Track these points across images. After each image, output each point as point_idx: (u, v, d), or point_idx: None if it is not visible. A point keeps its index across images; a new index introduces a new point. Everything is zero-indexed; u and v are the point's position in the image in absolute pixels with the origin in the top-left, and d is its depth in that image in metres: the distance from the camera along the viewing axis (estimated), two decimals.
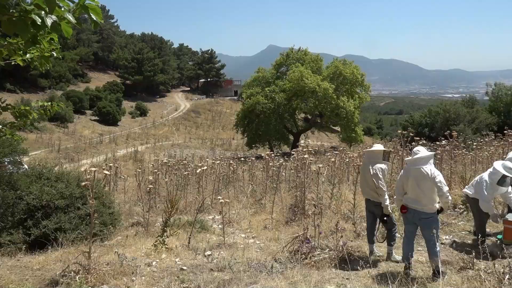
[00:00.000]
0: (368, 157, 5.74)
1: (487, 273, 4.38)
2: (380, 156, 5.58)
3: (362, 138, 33.72)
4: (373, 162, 5.54)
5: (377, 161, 5.53)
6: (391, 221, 5.54)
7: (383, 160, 5.59)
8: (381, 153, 5.60)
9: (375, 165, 5.48)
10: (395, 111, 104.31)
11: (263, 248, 6.43)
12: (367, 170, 5.55)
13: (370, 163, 5.56)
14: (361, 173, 5.84)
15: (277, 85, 33.68)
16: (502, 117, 23.36)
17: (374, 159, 5.58)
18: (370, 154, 5.70)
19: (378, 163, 5.50)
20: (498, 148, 12.07)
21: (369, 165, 5.55)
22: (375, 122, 64.20)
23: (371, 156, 5.65)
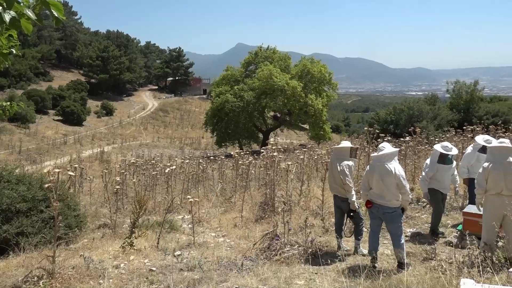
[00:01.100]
0: (335, 154, 5.85)
1: (449, 263, 4.57)
2: (347, 153, 5.69)
3: (330, 135, 34.28)
4: (340, 159, 5.65)
5: (344, 158, 5.64)
6: (358, 216, 5.68)
7: (350, 157, 5.72)
8: (348, 150, 5.71)
9: (342, 162, 5.59)
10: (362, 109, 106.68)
11: (233, 246, 6.44)
12: (335, 166, 5.66)
13: (337, 160, 5.67)
14: (329, 170, 5.95)
15: (246, 84, 33.71)
16: (462, 114, 24.38)
17: (341, 156, 5.69)
18: (338, 151, 5.82)
19: (345, 160, 5.61)
20: (458, 143, 12.60)
21: (336, 162, 5.66)
22: (343, 120, 65.45)
23: (338, 153, 5.77)
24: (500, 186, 4.78)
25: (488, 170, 4.88)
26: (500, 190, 4.80)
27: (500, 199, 4.80)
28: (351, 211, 5.58)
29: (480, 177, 5.01)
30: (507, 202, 4.74)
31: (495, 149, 5.00)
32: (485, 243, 4.81)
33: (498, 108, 24.27)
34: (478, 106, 25.11)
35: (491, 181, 4.85)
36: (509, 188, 4.77)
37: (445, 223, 6.83)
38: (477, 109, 24.40)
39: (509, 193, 4.78)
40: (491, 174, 4.85)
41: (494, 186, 4.83)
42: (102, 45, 61.85)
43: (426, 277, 3.89)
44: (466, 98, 25.92)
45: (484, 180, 4.93)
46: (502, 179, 4.75)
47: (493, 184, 4.84)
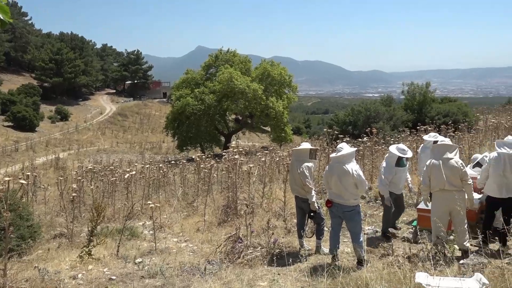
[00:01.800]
0: (295, 155, 5.93)
1: (405, 258, 4.76)
2: (307, 155, 5.78)
3: (292, 137, 34.72)
4: (300, 160, 5.73)
5: (304, 160, 5.72)
6: (319, 216, 5.79)
7: (310, 159, 5.82)
8: (307, 151, 5.80)
9: (302, 163, 5.68)
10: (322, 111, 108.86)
11: (196, 251, 6.38)
12: (295, 168, 5.74)
13: (297, 162, 5.75)
14: (290, 171, 6.03)
15: (206, 87, 33.49)
16: (416, 114, 25.41)
17: (301, 157, 5.78)
18: (297, 152, 5.90)
19: (305, 162, 5.69)
20: (412, 143, 13.13)
21: (296, 164, 5.74)
22: (303, 122, 66.46)
23: (298, 155, 5.85)
24: (442, 182, 5.03)
25: (430, 167, 5.15)
26: (443, 186, 5.05)
27: (444, 194, 5.05)
28: (312, 212, 5.69)
29: (424, 174, 5.29)
30: (451, 196, 5.00)
31: (435, 147, 5.31)
32: (437, 237, 5.04)
33: (448, 109, 25.49)
34: (430, 106, 26.24)
35: (434, 178, 5.11)
36: (450, 183, 5.02)
37: (401, 219, 7.10)
38: (430, 110, 25.52)
39: (452, 188, 5.02)
40: (432, 171, 5.12)
41: (437, 182, 5.08)
42: (55, 48, 59.35)
43: (383, 272, 4.03)
44: (419, 99, 27.02)
45: (427, 177, 5.19)
46: (442, 175, 5.00)
47: (436, 180, 5.09)
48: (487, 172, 5.40)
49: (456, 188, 5.05)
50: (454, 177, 5.02)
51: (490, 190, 5.42)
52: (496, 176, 5.26)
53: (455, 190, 5.04)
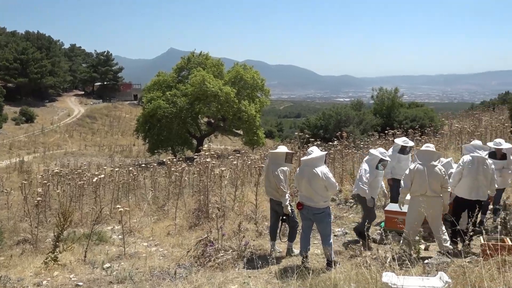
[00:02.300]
0: (271, 158, 5.93)
1: (373, 258, 4.87)
2: (283, 158, 5.78)
3: (264, 141, 34.86)
4: (276, 163, 5.74)
5: (280, 163, 5.72)
6: (293, 219, 5.82)
7: (285, 162, 5.82)
8: (283, 155, 5.79)
9: (278, 167, 5.68)
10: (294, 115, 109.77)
11: (166, 255, 6.31)
12: (270, 171, 5.76)
13: (273, 165, 5.76)
14: (265, 174, 6.03)
15: (178, 89, 33.18)
16: (385, 118, 26.00)
17: (277, 160, 5.78)
18: (274, 155, 5.90)
19: (280, 165, 5.69)
20: (381, 147, 13.46)
21: (272, 167, 5.76)
22: (276, 125, 66.81)
23: (274, 158, 5.85)
24: (424, 187, 5.17)
25: (414, 172, 5.27)
26: (424, 191, 5.18)
27: (424, 199, 5.17)
28: (285, 215, 5.72)
29: (406, 178, 5.38)
30: (431, 202, 5.15)
31: (421, 153, 5.42)
32: (404, 238, 5.19)
33: (415, 114, 26.22)
34: (398, 111, 26.89)
35: (416, 183, 5.23)
36: (432, 190, 5.18)
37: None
38: (398, 114, 26.16)
39: (432, 194, 5.19)
40: (416, 175, 5.23)
41: (419, 187, 5.21)
42: (20, 47, 57.29)
43: (352, 273, 4.11)
44: (388, 104, 27.66)
45: (409, 181, 5.31)
46: (426, 180, 5.14)
47: (418, 185, 5.22)
48: (460, 175, 5.60)
49: (436, 194, 5.21)
50: (436, 184, 5.18)
51: (460, 192, 5.63)
52: (470, 179, 5.49)
53: (434, 196, 5.21)
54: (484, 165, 5.53)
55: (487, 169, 5.53)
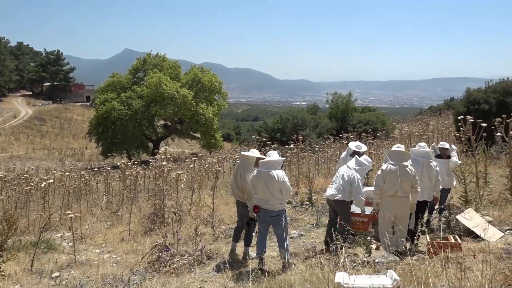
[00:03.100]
0: (241, 161, 5.88)
1: (327, 259, 4.99)
2: (253, 162, 5.69)
3: (222, 144, 34.78)
4: (245, 167, 5.69)
5: (249, 167, 5.65)
6: (254, 223, 5.84)
7: (255, 167, 5.75)
8: (254, 159, 5.70)
9: (246, 170, 5.62)
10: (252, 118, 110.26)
11: (120, 262, 6.13)
12: (239, 173, 5.73)
13: (242, 168, 5.72)
14: (234, 175, 5.97)
15: (134, 91, 32.42)
16: (339, 122, 26.78)
17: (247, 164, 5.72)
18: (244, 158, 5.83)
19: (249, 169, 5.63)
20: (336, 150, 13.85)
21: (241, 170, 5.72)
22: (234, 128, 66.79)
23: (244, 161, 5.80)
24: (395, 187, 5.28)
25: (386, 172, 5.36)
26: (395, 192, 5.30)
27: (395, 200, 5.32)
28: (250, 219, 5.72)
29: (378, 178, 5.46)
30: (401, 202, 5.29)
31: (393, 153, 5.56)
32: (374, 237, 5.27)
33: (368, 118, 27.20)
34: (352, 115, 27.76)
35: (388, 183, 5.33)
36: (403, 190, 5.32)
37: (324, 222, 7.43)
38: (352, 118, 27.02)
39: (402, 194, 5.33)
40: (388, 176, 5.34)
41: (390, 187, 5.31)
42: None
43: (306, 274, 4.19)
44: (342, 108, 28.50)
45: (382, 181, 5.39)
46: (398, 180, 5.26)
47: (390, 185, 5.32)
48: None
49: (405, 194, 5.35)
50: (407, 184, 5.32)
51: None
52: None
53: (404, 196, 5.35)
54: (428, 167, 5.82)
55: (431, 171, 5.82)
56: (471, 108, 13.14)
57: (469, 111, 12.49)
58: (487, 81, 15.23)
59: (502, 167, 8.90)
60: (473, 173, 6.74)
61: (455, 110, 15.68)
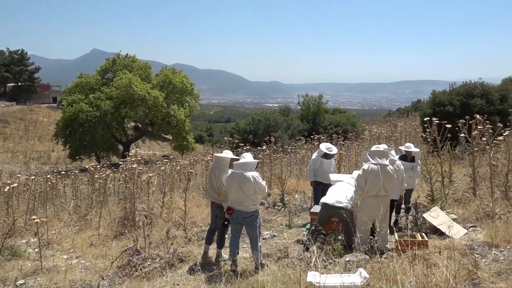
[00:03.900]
0: (216, 162, 5.84)
1: (299, 259, 5.04)
2: (227, 163, 5.68)
3: (194, 145, 34.49)
4: (220, 168, 5.67)
5: (224, 168, 5.63)
6: (228, 226, 5.81)
7: (230, 168, 5.75)
8: (228, 160, 5.69)
9: (221, 171, 5.60)
10: (224, 119, 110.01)
11: (89, 267, 5.98)
12: (213, 174, 5.69)
13: (216, 169, 5.69)
14: (208, 177, 5.91)
15: (103, 92, 31.69)
16: (311, 124, 27.10)
17: (221, 165, 5.69)
18: (218, 160, 5.80)
19: (224, 170, 5.61)
20: (308, 151, 14.00)
21: (215, 171, 5.68)
22: (206, 130, 66.44)
23: (219, 162, 5.77)
24: (378, 187, 5.29)
25: (368, 172, 5.36)
26: (377, 192, 5.31)
27: (377, 199, 5.34)
28: (225, 220, 5.69)
29: (360, 178, 5.46)
30: (382, 202, 5.32)
31: (373, 153, 5.62)
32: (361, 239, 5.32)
33: (339, 119, 27.66)
34: (323, 117, 28.15)
35: (370, 182, 5.33)
36: (385, 189, 5.34)
37: (296, 223, 7.51)
38: (323, 120, 27.40)
39: (384, 193, 5.34)
40: (370, 176, 5.34)
41: (373, 187, 5.31)
42: None
43: (278, 274, 4.22)
44: (313, 110, 28.86)
45: (363, 181, 5.39)
46: (380, 181, 5.29)
47: (372, 185, 5.31)
48: None
49: (386, 194, 5.40)
50: (388, 184, 5.37)
51: None
52: None
53: (385, 196, 5.39)
54: (395, 166, 5.97)
55: (398, 170, 5.97)
56: (436, 110, 13.60)
57: (434, 112, 12.94)
58: (451, 84, 15.79)
59: (466, 166, 9.24)
60: (439, 173, 6.97)
61: (422, 111, 16.20)
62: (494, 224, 5.40)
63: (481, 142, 7.26)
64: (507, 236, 4.88)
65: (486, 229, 5.39)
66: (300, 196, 9.57)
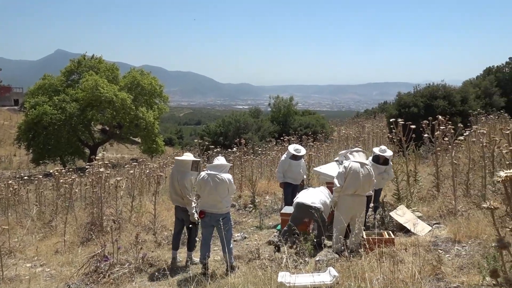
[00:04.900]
0: (177, 165, 5.80)
1: (270, 260, 5.06)
2: (189, 166, 5.67)
3: (163, 148, 33.99)
4: (182, 171, 5.63)
5: (186, 171, 5.62)
6: (196, 228, 5.78)
7: (192, 170, 5.73)
8: (190, 163, 5.69)
9: (183, 174, 5.57)
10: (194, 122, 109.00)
11: (54, 275, 5.78)
12: (176, 178, 5.63)
13: (178, 172, 5.64)
14: (170, 181, 5.86)
15: (68, 94, 30.72)
16: (281, 126, 27.30)
17: (183, 168, 5.66)
18: (179, 163, 5.76)
19: (186, 173, 5.60)
20: (278, 152, 14.09)
21: (177, 174, 5.63)
22: (176, 132, 65.60)
23: (180, 165, 5.73)
24: (357, 185, 5.33)
25: (348, 170, 5.40)
26: (355, 190, 5.35)
27: (355, 198, 5.38)
28: (191, 223, 5.65)
29: (340, 175, 5.49)
30: (359, 201, 5.38)
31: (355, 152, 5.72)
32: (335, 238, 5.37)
33: (308, 121, 27.99)
34: (293, 119, 28.42)
35: (349, 180, 5.36)
36: (363, 189, 5.40)
37: (267, 224, 7.54)
38: (293, 122, 27.65)
39: (362, 193, 5.39)
40: (350, 174, 5.39)
41: (353, 186, 5.35)
42: None
43: (249, 276, 4.22)
44: (283, 112, 29.10)
45: (343, 178, 5.42)
46: (360, 179, 5.33)
47: (351, 183, 5.35)
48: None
49: (364, 194, 5.46)
50: (366, 183, 5.42)
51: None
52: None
53: (363, 195, 5.45)
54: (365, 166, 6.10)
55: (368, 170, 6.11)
56: (402, 111, 14.02)
57: (400, 114, 13.34)
58: (416, 86, 16.33)
59: (430, 166, 9.58)
60: (404, 172, 7.19)
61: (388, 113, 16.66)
62: (457, 220, 5.62)
63: (443, 142, 7.54)
64: (468, 232, 5.09)
65: (449, 226, 5.60)
66: (271, 197, 9.62)
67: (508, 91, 22.95)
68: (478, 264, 3.95)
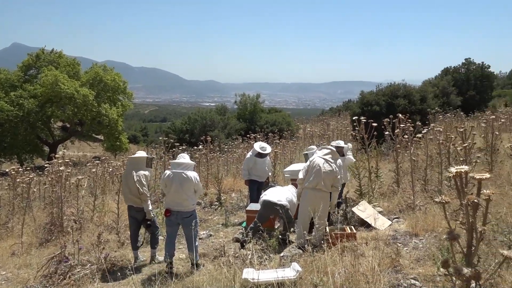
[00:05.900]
0: (131, 163, 5.74)
1: (235, 257, 5.08)
2: (143, 163, 5.68)
3: (127, 146, 33.24)
4: (136, 169, 5.60)
5: (141, 168, 5.62)
6: (154, 225, 5.73)
7: (146, 167, 5.72)
8: (144, 160, 5.70)
9: (138, 171, 5.55)
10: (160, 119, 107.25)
11: (10, 278, 5.56)
12: (130, 176, 5.56)
13: (133, 170, 5.59)
14: (124, 180, 5.78)
15: (25, 90, 29.45)
16: (248, 123, 27.36)
17: (137, 165, 5.65)
18: (133, 161, 5.73)
19: (141, 170, 5.59)
20: (244, 150, 14.13)
21: (132, 172, 5.57)
22: (140, 130, 64.34)
23: (134, 163, 5.69)
24: (317, 180, 5.36)
25: (312, 163, 5.44)
26: (315, 184, 5.37)
27: (315, 193, 5.39)
28: (148, 221, 5.59)
29: (304, 169, 5.56)
30: (321, 196, 5.37)
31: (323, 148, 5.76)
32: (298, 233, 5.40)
33: (275, 119, 28.19)
34: (260, 116, 28.55)
35: (311, 174, 5.40)
36: (325, 185, 5.39)
37: (232, 221, 7.56)
38: (259, 119, 27.77)
39: (324, 189, 5.41)
40: (313, 166, 5.41)
41: (313, 180, 5.37)
42: None
43: (215, 273, 4.23)
44: (250, 109, 29.17)
45: (306, 171, 5.48)
46: (321, 175, 5.36)
47: (313, 178, 5.38)
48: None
49: (326, 190, 5.45)
50: (329, 180, 5.43)
51: None
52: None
53: (325, 191, 5.44)
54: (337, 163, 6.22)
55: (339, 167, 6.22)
56: (364, 109, 14.40)
57: (363, 112, 13.69)
58: (378, 85, 16.81)
59: (391, 162, 9.90)
60: (366, 169, 7.40)
61: (351, 111, 17.06)
62: (415, 215, 5.84)
63: (403, 139, 7.82)
64: (425, 225, 5.31)
65: (407, 220, 5.82)
66: (236, 194, 9.65)
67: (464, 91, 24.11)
68: (433, 256, 4.13)
